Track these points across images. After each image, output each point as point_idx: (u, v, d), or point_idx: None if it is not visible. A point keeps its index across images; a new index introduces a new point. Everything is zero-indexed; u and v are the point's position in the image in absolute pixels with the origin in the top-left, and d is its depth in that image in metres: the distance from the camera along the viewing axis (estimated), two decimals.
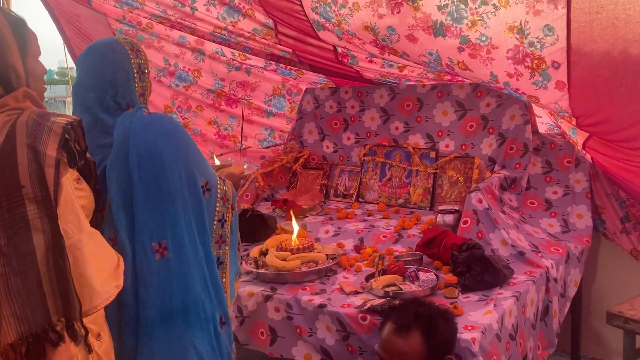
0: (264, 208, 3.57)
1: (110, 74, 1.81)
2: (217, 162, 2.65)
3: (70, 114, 1.70)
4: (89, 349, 1.43)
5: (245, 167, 2.65)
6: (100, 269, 1.49)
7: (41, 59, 1.61)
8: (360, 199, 3.60)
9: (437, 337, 1.85)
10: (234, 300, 2.12)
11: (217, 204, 1.90)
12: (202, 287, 1.79)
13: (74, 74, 5.00)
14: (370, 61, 3.27)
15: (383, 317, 2.03)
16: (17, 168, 1.36)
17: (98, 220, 1.74)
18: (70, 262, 1.41)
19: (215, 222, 1.90)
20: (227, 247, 1.96)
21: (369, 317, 2.13)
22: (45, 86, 1.62)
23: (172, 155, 1.77)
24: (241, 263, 2.15)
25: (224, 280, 1.95)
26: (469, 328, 2.00)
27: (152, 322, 1.73)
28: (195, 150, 1.87)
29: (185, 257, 1.76)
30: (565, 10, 2.05)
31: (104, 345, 1.55)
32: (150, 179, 1.74)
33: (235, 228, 2.04)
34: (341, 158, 3.81)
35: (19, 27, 1.52)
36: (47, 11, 3.94)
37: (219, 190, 1.90)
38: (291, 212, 2.98)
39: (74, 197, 1.49)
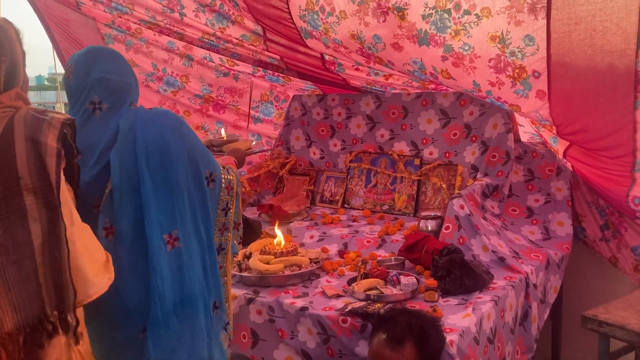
0: (250, 213, 3.59)
1: (131, 72, 1.91)
2: (224, 135, 2.64)
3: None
4: (76, 340, 1.46)
5: (253, 143, 2.66)
6: (92, 261, 1.52)
7: (31, 64, 1.72)
8: (345, 205, 3.63)
9: (429, 348, 1.85)
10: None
11: (222, 193, 1.95)
12: (204, 275, 1.84)
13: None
14: (357, 69, 3.32)
15: (373, 328, 2.01)
16: (15, 160, 1.40)
17: (92, 217, 1.72)
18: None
19: (219, 211, 1.96)
20: (229, 234, 2.01)
21: (349, 319, 2.15)
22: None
23: (178, 148, 1.80)
24: (240, 243, 2.18)
25: (225, 264, 2.00)
26: (447, 330, 2.03)
27: (167, 313, 1.73)
28: (198, 143, 1.91)
29: (192, 247, 1.80)
30: (545, 21, 2.09)
31: (85, 345, 1.56)
32: (158, 170, 1.76)
33: (237, 213, 2.08)
34: (327, 164, 3.84)
35: (20, 37, 1.61)
36: (36, 15, 3.95)
37: (223, 180, 1.96)
38: (276, 224, 2.96)
39: (67, 190, 1.52)
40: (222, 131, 2.74)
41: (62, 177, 1.49)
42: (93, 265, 1.52)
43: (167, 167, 1.77)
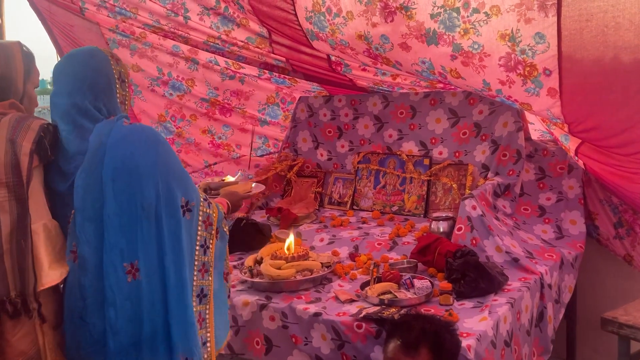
0: (259, 216, 3.57)
1: (89, 78, 1.73)
2: (227, 179, 2.62)
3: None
4: (42, 320, 1.61)
5: (253, 185, 2.55)
6: (51, 254, 1.64)
7: None
8: (354, 207, 3.61)
9: (444, 352, 1.84)
10: (227, 340, 1.95)
11: (199, 228, 1.76)
12: (164, 318, 1.67)
13: None
14: (364, 69, 3.29)
15: (387, 333, 1.99)
16: None
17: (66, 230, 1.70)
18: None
19: (197, 248, 1.76)
20: (210, 278, 1.80)
21: (364, 325, 2.13)
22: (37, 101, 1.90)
23: (149, 169, 1.66)
24: (228, 296, 1.99)
25: (207, 316, 1.79)
26: (464, 335, 2.00)
27: (122, 349, 1.63)
28: (176, 166, 1.75)
29: (155, 281, 1.65)
30: (555, 19, 2.06)
31: (55, 338, 1.68)
32: (124, 193, 1.63)
33: (222, 256, 1.90)
34: (335, 166, 3.82)
35: (28, 59, 1.81)
36: (39, 21, 3.94)
37: (200, 213, 1.77)
38: (292, 234, 2.87)
39: (40, 188, 1.66)
40: (230, 176, 2.69)
41: (36, 175, 1.63)
42: (50, 258, 1.63)
43: (134, 190, 1.63)
